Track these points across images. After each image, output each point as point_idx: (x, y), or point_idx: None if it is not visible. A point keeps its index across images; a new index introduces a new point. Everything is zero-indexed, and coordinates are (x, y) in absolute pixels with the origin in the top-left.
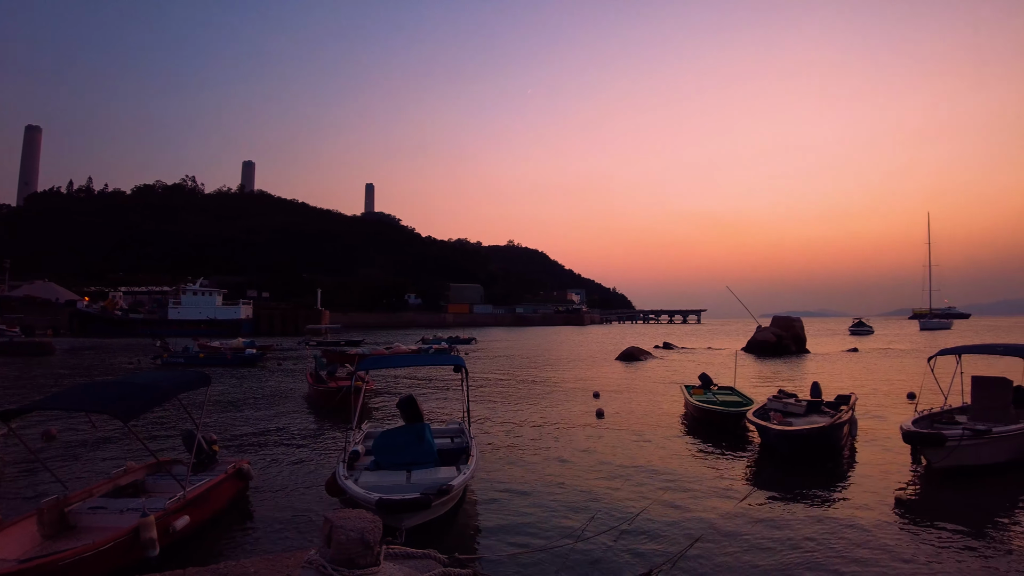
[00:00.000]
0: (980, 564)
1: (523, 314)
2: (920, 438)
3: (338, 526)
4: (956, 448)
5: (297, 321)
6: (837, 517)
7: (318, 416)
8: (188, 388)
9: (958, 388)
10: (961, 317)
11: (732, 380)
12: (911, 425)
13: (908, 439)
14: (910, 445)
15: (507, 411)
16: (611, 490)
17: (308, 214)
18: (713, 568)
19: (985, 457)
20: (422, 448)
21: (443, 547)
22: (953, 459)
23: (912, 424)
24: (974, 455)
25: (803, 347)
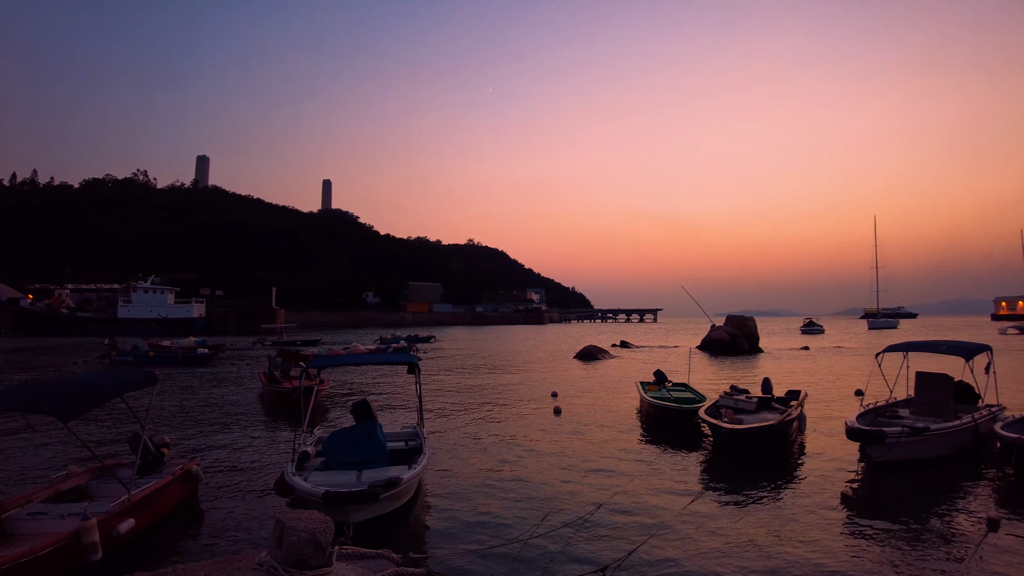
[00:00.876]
0: (917, 554)
1: (483, 313)
2: (862, 435)
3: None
4: (896, 444)
5: (252, 320)
6: (786, 512)
7: (272, 417)
8: (132, 387)
9: (903, 383)
10: (910, 317)
11: (686, 377)
12: (855, 422)
13: (851, 436)
14: (854, 441)
15: (465, 410)
16: (566, 488)
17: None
18: (665, 565)
19: (923, 452)
20: (372, 447)
21: (397, 547)
22: (893, 454)
23: (856, 420)
24: (913, 450)
25: (756, 346)
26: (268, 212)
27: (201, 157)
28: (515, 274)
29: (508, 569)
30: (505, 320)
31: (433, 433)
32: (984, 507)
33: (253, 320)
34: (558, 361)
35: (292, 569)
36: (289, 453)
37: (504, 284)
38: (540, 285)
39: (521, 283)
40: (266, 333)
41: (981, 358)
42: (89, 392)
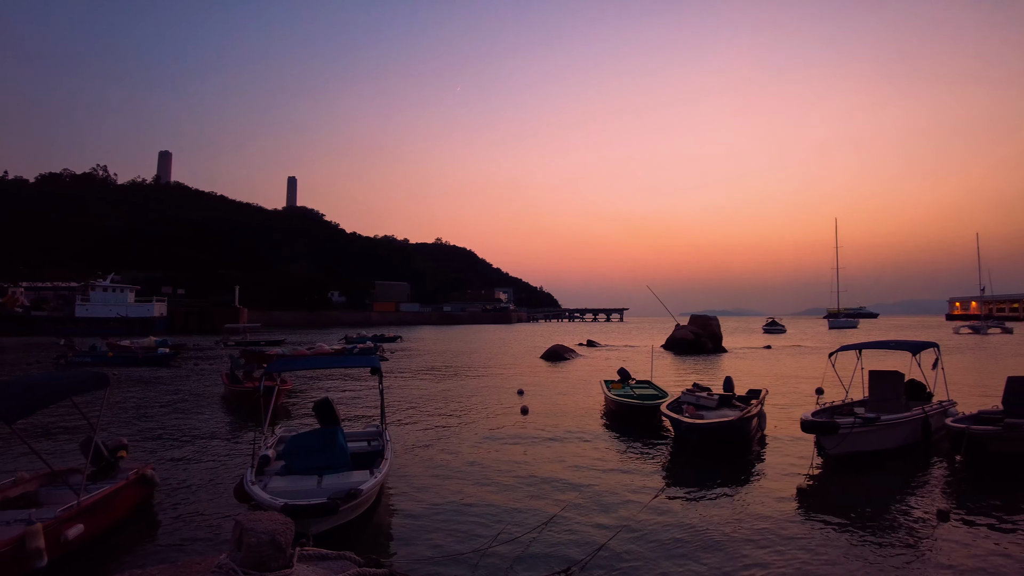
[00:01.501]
0: (871, 545)
1: (451, 312)
2: (816, 427)
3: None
4: (848, 435)
5: (214, 319)
6: (745, 507)
7: (233, 418)
8: (82, 389)
9: (859, 381)
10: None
11: (649, 375)
12: (810, 416)
13: (806, 428)
14: (809, 434)
15: (431, 410)
16: (530, 487)
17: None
18: (628, 562)
19: (875, 444)
20: (334, 452)
21: (359, 548)
22: (846, 446)
23: (811, 415)
24: (865, 442)
25: (719, 345)
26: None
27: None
28: (483, 273)
29: (471, 570)
30: (473, 320)
31: (397, 432)
32: (935, 499)
33: (216, 319)
34: (525, 360)
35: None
36: (250, 456)
37: (472, 283)
38: (508, 285)
39: (489, 282)
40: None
41: (929, 354)
42: (34, 393)
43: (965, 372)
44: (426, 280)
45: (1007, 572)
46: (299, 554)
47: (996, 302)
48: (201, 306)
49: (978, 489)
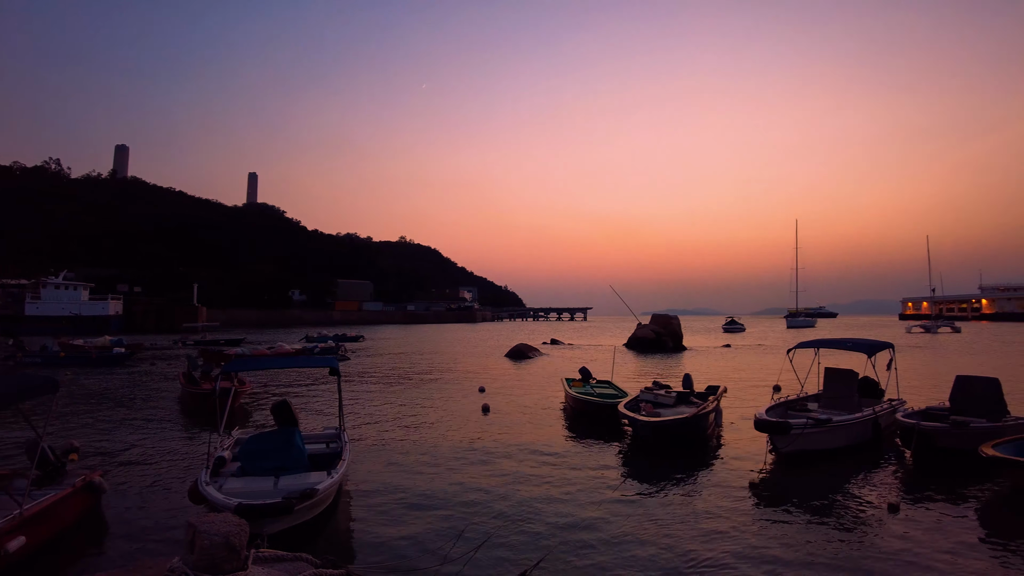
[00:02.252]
0: (822, 537)
1: (415, 312)
2: (769, 426)
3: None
4: (800, 435)
5: (172, 318)
6: (699, 501)
7: (190, 420)
8: (27, 396)
9: (815, 378)
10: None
11: (610, 374)
12: (764, 414)
13: (759, 427)
14: (761, 433)
15: (392, 410)
16: (489, 486)
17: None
18: (585, 559)
19: (827, 443)
20: (290, 453)
21: (316, 549)
22: (798, 444)
23: (765, 413)
24: (816, 441)
25: (680, 343)
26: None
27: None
28: (448, 272)
29: (429, 570)
30: (437, 319)
31: (358, 433)
32: (885, 493)
33: (174, 318)
34: (489, 359)
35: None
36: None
37: (437, 282)
38: (473, 284)
39: (454, 281)
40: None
41: (884, 355)
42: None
43: (916, 370)
44: (389, 279)
45: (953, 559)
46: (254, 556)
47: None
48: (159, 304)
49: (926, 483)
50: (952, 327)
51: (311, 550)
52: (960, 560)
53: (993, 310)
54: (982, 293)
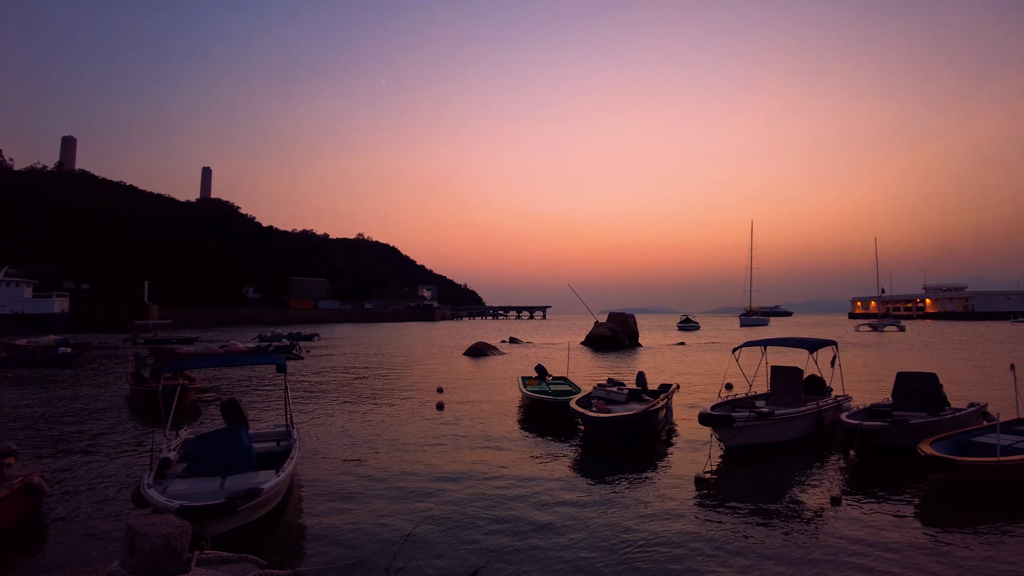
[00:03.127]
0: (766, 529)
1: (372, 310)
2: (712, 420)
3: (142, 533)
4: (743, 429)
5: (122, 316)
6: (645, 496)
7: (137, 421)
8: None
9: (764, 376)
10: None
11: (566, 371)
12: (708, 410)
13: (703, 421)
14: (705, 427)
15: (346, 409)
16: (442, 486)
17: (136, 198)
18: (534, 558)
19: (770, 436)
20: (237, 452)
21: (263, 551)
22: (741, 438)
23: (710, 409)
24: (760, 435)
25: (636, 341)
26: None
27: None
28: (407, 270)
29: (379, 571)
30: (395, 317)
31: (310, 432)
32: (828, 487)
33: (123, 316)
34: (447, 358)
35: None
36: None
37: (395, 281)
38: (432, 282)
39: (413, 280)
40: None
41: (828, 352)
42: None
43: (863, 367)
44: (347, 277)
45: (890, 551)
46: (198, 558)
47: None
48: (107, 302)
49: (868, 478)
50: (898, 326)
51: (258, 550)
52: (897, 551)
53: (936, 309)
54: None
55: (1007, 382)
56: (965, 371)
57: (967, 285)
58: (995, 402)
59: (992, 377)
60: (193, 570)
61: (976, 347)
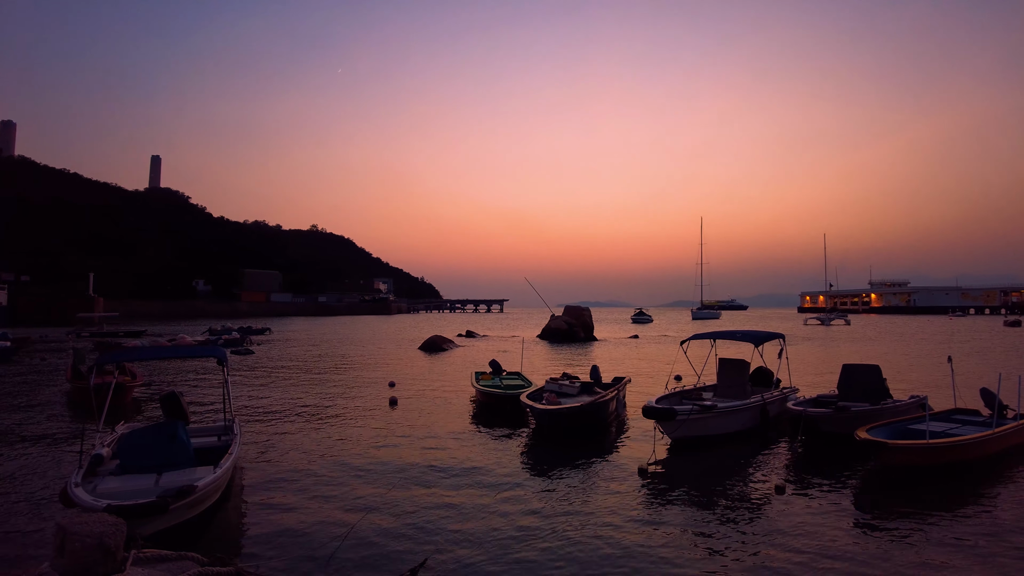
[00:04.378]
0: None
1: (326, 303)
2: (655, 413)
3: (72, 532)
4: (685, 421)
5: (65, 309)
6: (591, 487)
7: (75, 417)
8: None
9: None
10: (740, 308)
11: (519, 366)
12: (652, 402)
13: (647, 414)
14: (649, 419)
15: (296, 404)
16: (389, 482)
17: (81, 186)
18: (480, 551)
19: (715, 428)
20: (174, 448)
21: (204, 549)
22: (685, 430)
23: (655, 402)
24: (704, 427)
25: (591, 334)
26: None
27: (6, 123)
28: (362, 263)
29: (322, 567)
30: (350, 311)
31: (257, 427)
32: (772, 474)
33: (67, 309)
34: (402, 352)
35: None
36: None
37: (350, 273)
38: (388, 275)
39: (368, 272)
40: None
41: (775, 345)
42: None
43: (811, 359)
44: (300, 269)
45: (831, 534)
46: (134, 557)
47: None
48: (49, 295)
49: (812, 464)
50: (844, 320)
51: (199, 547)
52: (837, 532)
53: (881, 304)
54: (871, 288)
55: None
56: (907, 363)
57: (909, 281)
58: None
59: (931, 369)
60: (128, 570)
61: (918, 340)
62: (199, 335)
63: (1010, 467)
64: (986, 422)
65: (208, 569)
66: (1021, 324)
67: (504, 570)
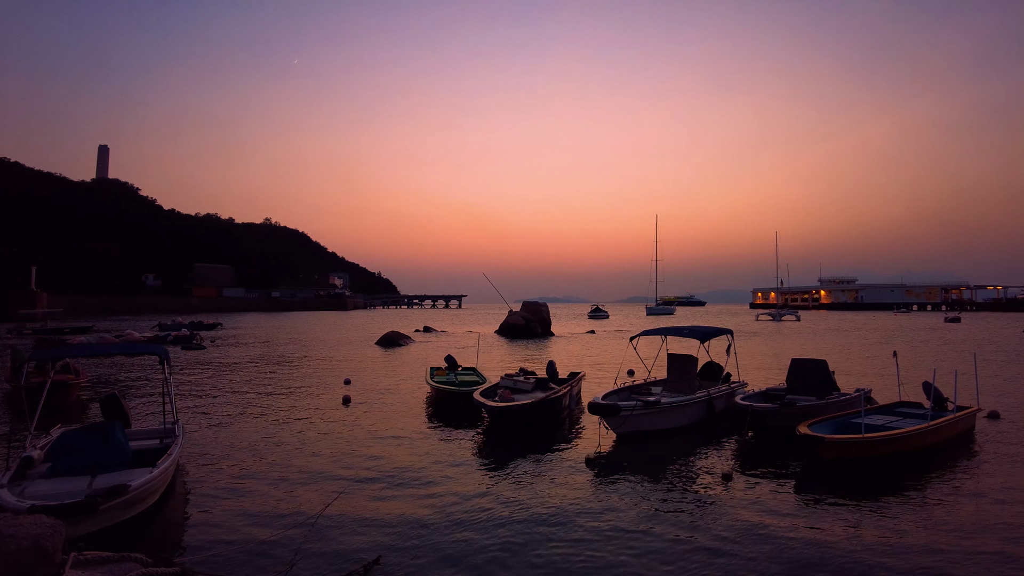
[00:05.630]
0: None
1: (280, 298)
2: (600, 409)
3: (6, 535)
4: (629, 417)
5: (6, 305)
6: (538, 480)
7: (14, 416)
8: None
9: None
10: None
11: (475, 362)
12: (598, 398)
13: (591, 410)
14: (595, 415)
15: (247, 402)
16: (340, 480)
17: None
18: (431, 546)
19: (661, 423)
20: (110, 449)
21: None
22: (630, 425)
23: (602, 398)
24: (650, 422)
25: (548, 330)
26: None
27: None
28: (317, 257)
29: (270, 566)
30: (305, 306)
31: (204, 426)
32: (718, 466)
33: (8, 305)
34: (358, 348)
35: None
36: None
37: (304, 268)
38: (344, 270)
39: (323, 267)
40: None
41: (723, 340)
42: None
43: (763, 354)
44: (253, 263)
45: (775, 519)
46: (74, 559)
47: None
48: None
49: (757, 457)
50: (795, 315)
51: (144, 549)
52: (779, 519)
53: (830, 300)
54: (821, 285)
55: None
56: (856, 358)
57: (857, 278)
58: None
59: (878, 363)
60: (68, 572)
61: (865, 335)
62: (148, 331)
63: (946, 459)
64: (926, 415)
65: (152, 570)
66: (960, 320)
67: (453, 563)
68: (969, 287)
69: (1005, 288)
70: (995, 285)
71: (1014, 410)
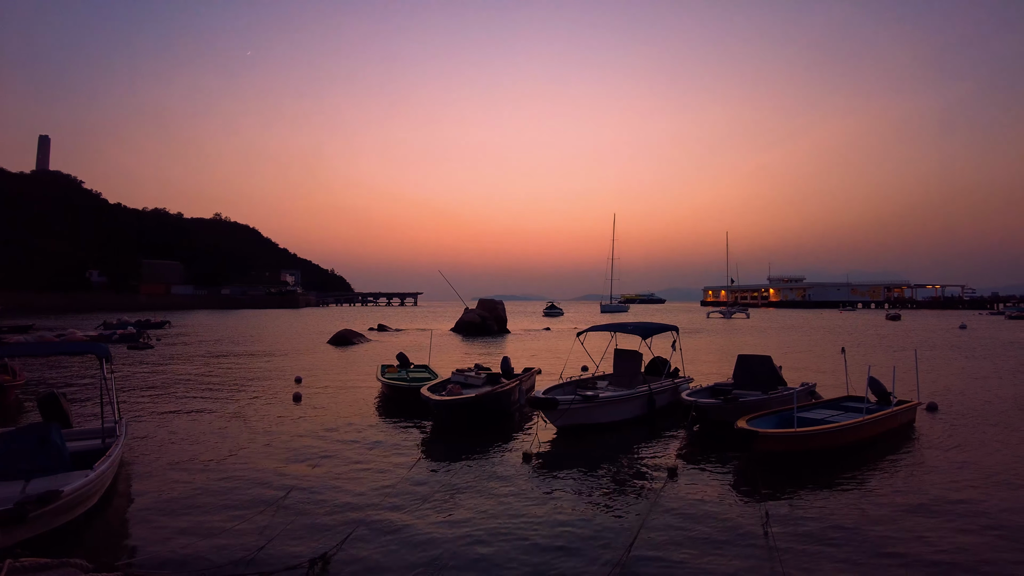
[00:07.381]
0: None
1: (230, 296)
2: (538, 403)
3: None
4: (567, 410)
5: None
6: (480, 474)
7: None
8: None
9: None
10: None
11: (427, 359)
12: (540, 392)
13: (530, 404)
14: (534, 409)
15: (195, 402)
16: (286, 477)
17: None
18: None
19: (601, 417)
20: (45, 452)
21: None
22: (571, 419)
23: (544, 392)
24: (589, 415)
25: (504, 327)
26: None
27: None
28: (269, 254)
29: (215, 567)
30: (256, 304)
31: (149, 427)
32: (665, 459)
33: None
34: (310, 346)
35: None
36: None
37: (256, 265)
38: (296, 267)
39: (275, 264)
40: None
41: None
42: None
43: (712, 350)
44: (203, 260)
45: (720, 510)
46: (8, 567)
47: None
48: None
49: (702, 451)
50: (745, 313)
51: (83, 554)
52: (718, 509)
53: (778, 298)
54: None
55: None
56: (803, 354)
57: (805, 277)
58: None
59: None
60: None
61: (811, 332)
62: (92, 330)
63: (884, 450)
64: (869, 409)
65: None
66: (900, 318)
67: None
68: (910, 286)
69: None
70: (934, 284)
71: (951, 401)
